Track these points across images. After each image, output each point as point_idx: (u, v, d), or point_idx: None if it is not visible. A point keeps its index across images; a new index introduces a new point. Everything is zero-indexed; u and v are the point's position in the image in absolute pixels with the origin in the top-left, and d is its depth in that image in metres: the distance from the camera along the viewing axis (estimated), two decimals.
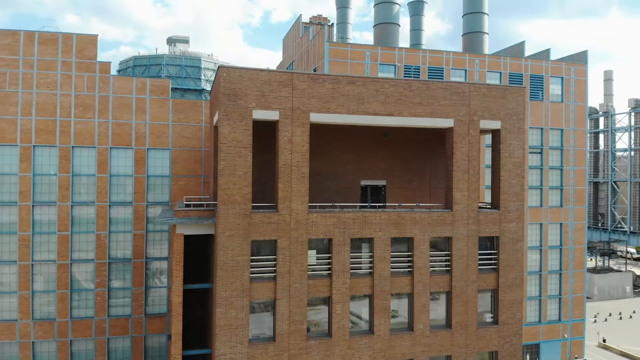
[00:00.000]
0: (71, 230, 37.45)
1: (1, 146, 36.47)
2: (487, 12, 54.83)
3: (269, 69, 25.00)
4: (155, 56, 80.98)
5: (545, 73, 48.39)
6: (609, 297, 78.15)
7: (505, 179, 27.21)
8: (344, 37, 66.77)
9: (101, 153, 37.92)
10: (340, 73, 27.83)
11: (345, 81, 25.15)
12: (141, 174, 38.71)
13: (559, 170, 49.02)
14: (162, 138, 39.12)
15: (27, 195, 36.73)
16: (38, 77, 36.89)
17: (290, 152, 24.23)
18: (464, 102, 26.62)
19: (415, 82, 26.04)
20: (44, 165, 37.21)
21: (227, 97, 23.58)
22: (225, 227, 23.32)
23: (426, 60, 45.44)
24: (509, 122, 27.30)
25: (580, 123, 49.43)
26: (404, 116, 25.84)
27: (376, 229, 25.26)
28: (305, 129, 24.52)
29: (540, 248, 48.29)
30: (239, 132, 23.64)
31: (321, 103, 24.78)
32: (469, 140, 26.61)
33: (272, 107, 24.19)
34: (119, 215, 38.45)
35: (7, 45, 36.67)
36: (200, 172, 39.84)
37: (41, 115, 36.88)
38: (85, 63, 37.69)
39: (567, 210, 49.00)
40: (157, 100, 38.95)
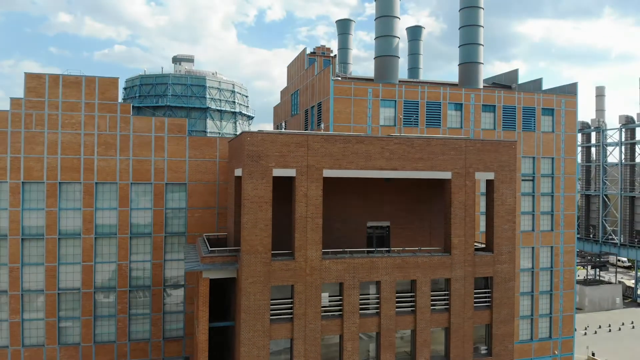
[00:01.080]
0: (94, 261, 40.13)
1: (29, 183, 39.07)
2: (482, 44, 57.60)
3: (287, 132, 27.72)
4: (161, 75, 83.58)
5: (537, 105, 51.31)
6: (600, 308, 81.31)
7: (499, 225, 30.07)
8: (345, 62, 69.46)
9: (122, 188, 40.58)
10: (350, 133, 30.42)
11: (355, 140, 27.94)
12: (159, 207, 41.40)
13: (550, 197, 51.97)
14: (179, 173, 41.81)
15: (53, 229, 39.37)
16: (63, 118, 39.51)
17: (305, 205, 27.01)
18: (461, 156, 29.45)
19: (417, 140, 28.86)
20: (69, 200, 39.85)
21: (251, 158, 26.33)
22: (249, 275, 26.09)
23: (424, 95, 48.28)
24: (502, 173, 30.15)
25: (570, 152, 52.37)
26: (406, 170, 28.66)
27: (382, 273, 28.08)
28: (319, 184, 27.30)
29: (532, 270, 51.26)
30: (260, 189, 26.40)
31: (333, 160, 27.57)
32: (466, 190, 29.44)
33: (290, 166, 26.96)
34: (139, 245, 41.14)
35: (34, 87, 39.27)
36: (214, 204, 42.53)
37: (66, 153, 39.51)
38: (107, 104, 40.33)
39: (558, 234, 51.98)
40: (175, 137, 41.63)
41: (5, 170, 38.56)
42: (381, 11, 55.13)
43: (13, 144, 38.64)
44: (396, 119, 47.66)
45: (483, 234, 41.86)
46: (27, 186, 39.02)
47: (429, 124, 48.28)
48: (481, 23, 57.29)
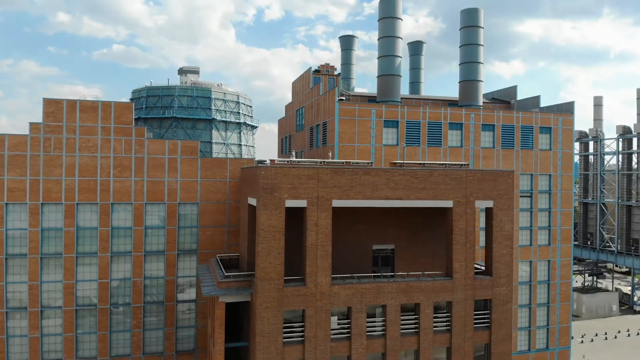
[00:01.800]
0: (110, 278, 41.88)
1: (47, 204, 40.81)
2: (482, 62, 59.35)
3: (299, 166, 29.45)
4: (168, 87, 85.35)
5: (535, 124, 53.06)
6: (597, 315, 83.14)
7: (497, 250, 31.84)
8: (348, 77, 71.20)
9: (137, 208, 42.32)
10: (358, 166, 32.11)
11: (362, 172, 29.70)
12: (172, 226, 43.15)
13: (547, 212, 53.74)
14: (192, 193, 43.55)
15: (71, 248, 41.12)
16: (80, 142, 41.24)
17: (316, 234, 28.77)
18: (462, 185, 31.22)
19: (420, 171, 30.62)
20: (86, 220, 41.59)
21: (265, 191, 28.09)
22: (263, 300, 27.85)
23: (426, 115, 50.04)
24: (500, 201, 31.91)
25: (567, 168, 54.14)
26: (410, 199, 30.43)
27: (388, 297, 29.85)
28: (328, 213, 29.06)
29: (530, 283, 53.04)
30: (274, 219, 28.16)
31: (342, 191, 29.32)
32: (466, 218, 31.21)
33: (301, 197, 28.71)
34: (153, 263, 42.90)
35: (52, 113, 40.99)
36: (224, 222, 44.26)
37: (83, 175, 41.24)
38: (123, 128, 42.08)
39: (555, 249, 53.77)
40: (187, 159, 43.37)
41: (25, 192, 40.29)
42: (384, 32, 56.89)
43: (32, 167, 40.37)
44: (399, 139, 49.42)
45: (482, 249, 43.59)
46: (45, 207, 40.76)
47: (430, 144, 50.04)
48: (481, 42, 59.06)
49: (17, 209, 40.34)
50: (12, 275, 40.38)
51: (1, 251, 39.99)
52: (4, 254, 40.05)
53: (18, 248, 40.45)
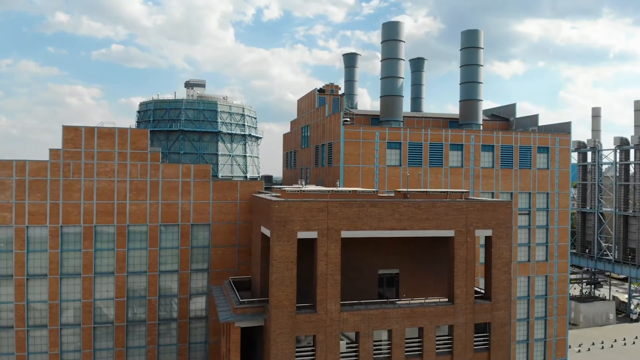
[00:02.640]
0: (127, 297, 43.83)
1: (67, 227, 42.73)
2: (481, 82, 61.27)
3: (310, 200, 31.34)
4: (175, 100, 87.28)
5: (533, 144, 54.99)
6: (594, 324, 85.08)
7: (496, 276, 33.78)
8: (351, 93, 73.09)
9: (152, 230, 44.25)
10: (364, 197, 33.97)
11: (369, 204, 31.63)
12: (185, 246, 45.09)
13: (545, 229, 55.68)
14: (204, 214, 45.46)
15: (89, 268, 43.04)
16: (98, 167, 43.16)
17: (326, 264, 30.71)
18: (462, 216, 33.14)
19: (423, 203, 32.54)
20: (103, 242, 43.53)
21: (278, 224, 30.02)
22: (276, 327, 29.80)
23: (427, 137, 51.99)
24: (499, 230, 33.84)
25: (564, 187, 56.07)
26: (414, 229, 32.35)
27: (394, 322, 31.78)
28: (337, 244, 30.99)
29: (528, 298, 55.00)
30: (287, 250, 30.10)
31: (350, 222, 31.26)
32: (467, 246, 33.14)
33: (312, 228, 30.64)
34: (167, 282, 44.84)
35: (71, 139, 42.91)
36: (235, 242, 46.17)
37: (101, 199, 43.17)
38: (138, 153, 44.00)
39: (552, 264, 55.73)
40: (200, 182, 45.29)
41: (46, 215, 42.21)
42: (386, 54, 58.86)
43: (52, 191, 42.28)
44: (401, 160, 51.37)
45: (482, 265, 45.39)
46: (65, 229, 42.68)
47: (432, 164, 52.01)
48: (481, 62, 61.01)
49: (38, 231, 42.25)
50: (33, 294, 42.29)
51: (23, 272, 41.90)
52: (25, 275, 41.96)
53: (39, 269, 42.37)
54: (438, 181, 51.99)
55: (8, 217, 41.52)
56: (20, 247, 41.80)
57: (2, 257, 41.69)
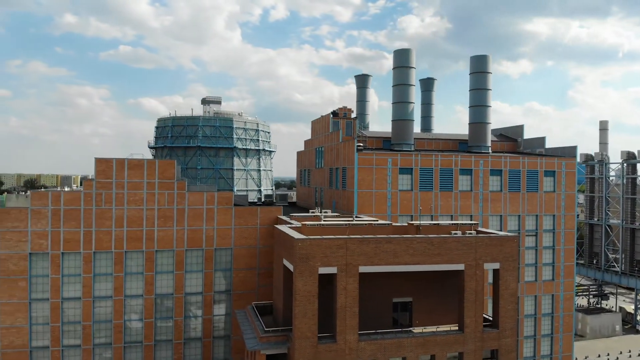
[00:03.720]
0: (155, 317, 46.61)
1: (99, 253, 45.55)
2: (490, 105, 63.48)
3: (330, 237, 33.85)
4: (192, 117, 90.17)
5: (540, 168, 57.14)
6: (600, 335, 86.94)
7: (503, 306, 36.13)
8: (363, 113, 75.54)
9: (178, 254, 47.00)
10: (381, 235, 36.31)
11: (385, 241, 34.10)
12: (209, 269, 47.80)
13: (551, 250, 57.83)
14: (226, 239, 48.14)
15: (120, 291, 45.87)
16: (128, 196, 45.95)
17: (345, 297, 33.23)
18: (472, 250, 35.52)
19: (435, 239, 34.96)
20: (132, 266, 46.33)
21: (301, 260, 32.58)
22: (300, 356, 32.36)
23: (438, 162, 54.32)
24: (506, 263, 36.18)
25: (570, 209, 58.17)
26: (427, 264, 34.79)
27: (408, 350, 34.24)
28: (355, 278, 33.50)
29: (535, 316, 57.20)
30: (309, 285, 32.66)
31: (367, 258, 33.75)
32: (476, 279, 35.53)
33: (332, 264, 33.17)
34: (192, 302, 47.56)
35: (102, 171, 45.72)
36: (255, 265, 48.79)
37: (131, 226, 45.96)
38: (166, 182, 46.75)
39: (558, 284, 57.88)
40: (223, 209, 47.96)
41: (79, 242, 45.05)
42: (398, 80, 61.31)
43: (85, 220, 45.11)
44: (413, 185, 53.75)
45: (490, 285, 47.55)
46: (97, 255, 45.51)
47: (442, 188, 54.34)
48: (489, 87, 63.29)
49: (72, 257, 45.13)
50: (68, 316, 45.16)
51: (58, 295, 44.76)
52: (60, 298, 44.83)
53: (73, 292, 45.23)
54: (448, 205, 54.32)
55: (44, 244, 44.40)
56: (55, 272, 44.67)
57: (40, 282, 44.58)
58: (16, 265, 43.85)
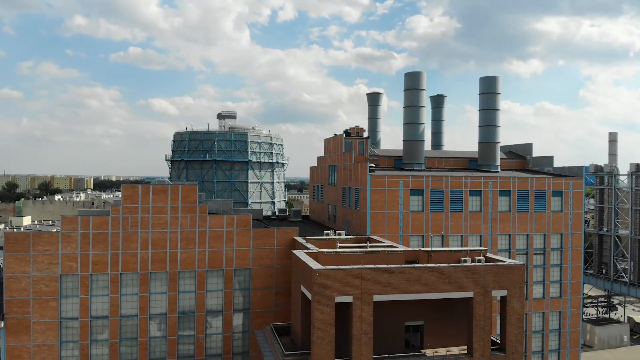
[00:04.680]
0: (177, 334, 49.03)
1: (125, 274, 48.03)
2: (499, 125, 65.24)
3: (346, 267, 35.95)
4: (208, 132, 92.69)
5: (548, 188, 58.85)
6: (608, 346, 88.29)
7: (510, 331, 38.05)
8: (375, 130, 77.50)
9: (200, 275, 49.38)
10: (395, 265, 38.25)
11: (398, 271, 36.16)
12: (229, 289, 50.13)
13: (559, 267, 59.52)
14: (245, 260, 50.43)
15: (145, 310, 48.31)
16: (152, 220, 48.38)
17: (360, 324, 35.34)
18: (481, 278, 37.46)
19: (446, 268, 36.96)
20: (157, 286, 48.76)
21: (319, 289, 34.73)
22: None
23: (448, 184, 56.24)
24: (513, 290, 38.09)
25: (577, 228, 59.81)
26: (438, 292, 36.80)
27: None
28: (370, 307, 35.58)
29: (543, 332, 58.94)
30: (326, 313, 34.81)
31: (381, 287, 35.83)
32: (484, 306, 37.47)
33: (348, 293, 35.28)
34: (213, 321, 49.91)
35: (129, 196, 48.20)
36: (272, 284, 51.02)
37: (155, 248, 48.40)
38: (188, 206, 49.12)
39: (565, 301, 59.56)
40: (242, 231, 50.27)
41: (107, 264, 47.55)
42: (409, 101, 63.30)
43: (113, 242, 47.61)
44: (424, 205, 55.73)
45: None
46: (124, 276, 47.99)
47: (453, 209, 56.26)
48: (498, 107, 65.11)
49: (101, 278, 47.63)
50: (96, 334, 47.68)
51: (87, 314, 47.29)
52: (89, 317, 47.36)
53: (101, 311, 47.75)
54: (458, 225, 56.21)
55: (74, 267, 46.95)
56: (84, 292, 47.21)
57: (69, 302, 47.12)
58: (47, 287, 46.43)
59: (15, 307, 45.77)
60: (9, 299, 45.63)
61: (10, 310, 45.66)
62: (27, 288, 46.00)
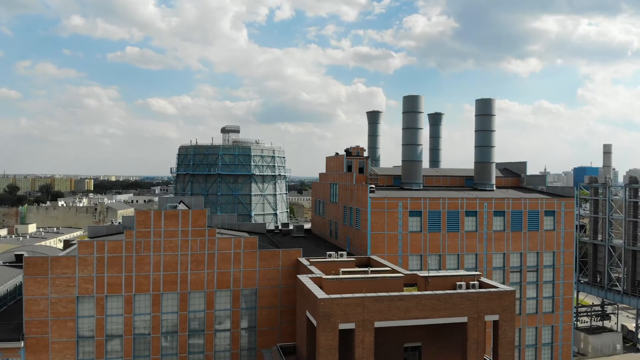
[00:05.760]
0: (188, 352, 51.60)
1: (139, 294, 50.59)
2: (494, 145, 67.81)
3: (349, 296, 38.52)
4: (212, 146, 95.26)
5: (540, 208, 61.47)
6: (602, 354, 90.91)
7: (502, 353, 40.64)
8: (374, 147, 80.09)
9: (209, 295, 51.95)
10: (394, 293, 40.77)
11: (397, 299, 38.76)
12: (236, 308, 52.71)
13: (551, 284, 62.16)
14: (251, 280, 53.01)
15: (157, 329, 50.84)
16: (164, 243, 50.96)
17: (362, 349, 37.93)
18: (474, 304, 40.06)
19: (442, 295, 39.56)
20: (168, 306, 51.33)
21: (324, 318, 37.32)
22: None
23: (445, 205, 58.82)
24: (505, 314, 40.68)
25: (569, 245, 62.45)
26: (434, 317, 39.41)
27: None
28: (371, 332, 38.18)
29: (535, 346, 61.60)
30: (330, 339, 37.40)
31: (381, 314, 38.42)
32: (477, 330, 40.08)
33: (350, 320, 37.87)
34: (221, 339, 52.50)
35: (142, 221, 50.74)
36: (277, 304, 53.59)
37: (167, 270, 50.97)
38: (198, 230, 51.68)
39: (557, 315, 62.22)
40: (248, 252, 52.84)
41: (121, 285, 50.11)
42: (407, 124, 65.90)
43: (127, 265, 50.16)
44: (422, 226, 58.32)
45: None
46: (137, 297, 50.56)
47: (450, 229, 58.87)
48: (493, 128, 67.77)
49: (115, 299, 50.20)
50: (111, 352, 50.26)
51: (102, 333, 49.87)
52: (104, 336, 49.95)
53: (115, 330, 50.33)
54: (455, 244, 58.82)
55: (90, 289, 49.51)
56: (100, 313, 49.77)
57: (86, 322, 49.66)
58: (65, 308, 48.98)
59: (34, 327, 48.33)
60: (28, 320, 48.18)
61: (30, 330, 48.23)
62: (45, 309, 48.54)
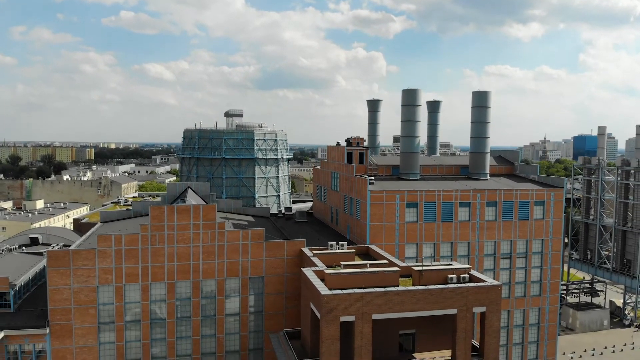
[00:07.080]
0: (201, 335, 55.92)
1: (154, 283, 54.58)
2: (489, 137, 70.68)
3: (350, 292, 42.32)
4: (216, 131, 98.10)
5: (531, 199, 64.90)
6: (589, 329, 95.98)
7: (488, 340, 44.77)
8: (374, 134, 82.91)
9: (219, 282, 55.97)
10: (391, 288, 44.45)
11: (393, 294, 42.61)
12: (245, 294, 56.81)
13: (539, 269, 66.14)
14: (258, 269, 56.92)
15: (172, 314, 55.05)
16: (177, 236, 54.62)
17: (361, 339, 42.00)
18: (464, 297, 43.94)
19: (434, 290, 43.40)
20: (182, 293, 55.41)
21: (327, 311, 41.24)
22: None
23: (440, 197, 62.24)
24: (491, 306, 44.60)
25: (557, 233, 66.14)
26: (427, 310, 43.36)
27: None
28: (369, 324, 42.17)
29: (523, 326, 66.06)
30: (332, 331, 41.42)
31: (378, 307, 42.34)
32: (466, 320, 44.08)
33: (351, 313, 41.81)
34: (231, 323, 56.76)
35: (156, 215, 54.24)
36: (283, 290, 57.65)
37: (180, 261, 54.80)
38: (208, 223, 55.27)
39: (545, 298, 66.46)
40: (255, 244, 56.60)
41: (138, 275, 54.01)
42: (406, 116, 68.73)
43: (143, 257, 53.95)
44: (418, 217, 61.91)
45: None
46: (153, 285, 54.55)
47: (444, 219, 62.48)
48: (489, 120, 70.59)
49: (133, 287, 54.17)
50: (130, 336, 54.54)
51: (122, 319, 54.06)
52: (123, 322, 54.16)
53: (134, 316, 54.54)
54: (449, 234, 62.52)
55: (109, 278, 53.45)
56: (119, 300, 53.87)
57: (106, 309, 53.80)
58: (87, 296, 53.05)
59: (58, 315, 52.48)
60: (52, 308, 52.27)
61: (54, 317, 52.39)
62: (68, 298, 52.60)
